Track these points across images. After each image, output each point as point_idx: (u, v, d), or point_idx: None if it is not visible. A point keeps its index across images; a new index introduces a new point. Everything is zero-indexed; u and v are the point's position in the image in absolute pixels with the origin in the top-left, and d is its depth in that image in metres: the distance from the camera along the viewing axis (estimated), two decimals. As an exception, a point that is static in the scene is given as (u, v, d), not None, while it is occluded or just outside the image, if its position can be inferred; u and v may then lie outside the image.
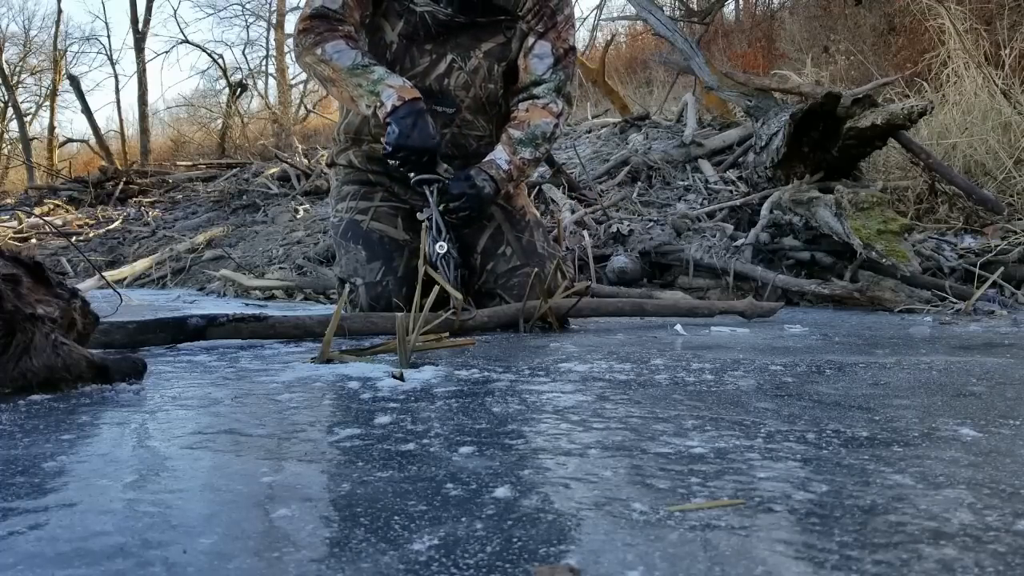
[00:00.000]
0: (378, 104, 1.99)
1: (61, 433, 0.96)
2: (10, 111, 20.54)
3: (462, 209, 2.07)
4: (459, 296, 1.86)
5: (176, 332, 1.72)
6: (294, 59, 2.19)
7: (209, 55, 29.22)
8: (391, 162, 2.04)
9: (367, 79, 2.00)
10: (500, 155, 2.16)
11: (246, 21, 22.24)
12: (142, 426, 1.01)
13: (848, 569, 0.56)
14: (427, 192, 2.09)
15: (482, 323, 2.01)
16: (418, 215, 2.13)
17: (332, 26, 2.06)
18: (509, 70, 2.25)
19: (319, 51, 2.04)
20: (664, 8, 10.28)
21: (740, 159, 4.65)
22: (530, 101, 2.22)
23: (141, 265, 4.99)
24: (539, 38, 2.20)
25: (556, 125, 2.22)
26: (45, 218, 7.30)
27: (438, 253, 2.07)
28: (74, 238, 6.39)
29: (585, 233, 3.56)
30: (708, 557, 0.58)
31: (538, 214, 2.39)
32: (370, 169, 2.30)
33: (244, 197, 7.36)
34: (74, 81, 19.65)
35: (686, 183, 4.50)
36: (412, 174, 2.07)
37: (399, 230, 2.22)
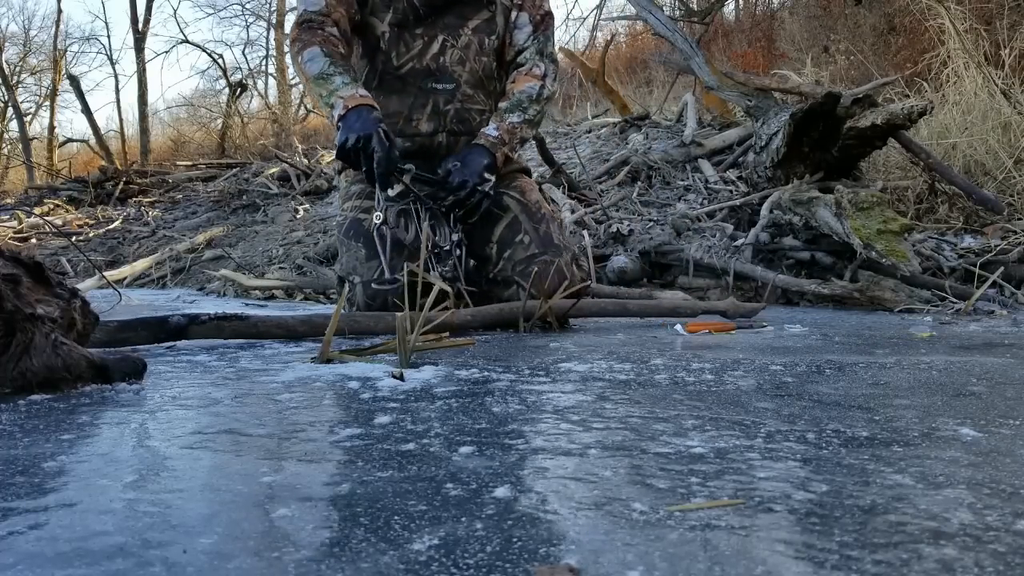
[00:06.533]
0: (330, 115, 2.10)
1: (61, 433, 0.96)
2: (10, 111, 20.53)
3: (472, 194, 2.16)
4: (449, 289, 1.86)
5: (157, 331, 1.71)
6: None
7: (209, 55, 29.27)
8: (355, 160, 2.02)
9: (326, 89, 2.09)
10: (489, 128, 2.27)
11: (246, 21, 22.26)
12: (142, 426, 1.01)
13: (848, 569, 0.56)
14: (402, 180, 2.14)
15: (466, 321, 2.00)
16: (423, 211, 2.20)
17: (312, 31, 2.16)
18: (501, 46, 2.39)
19: (300, 59, 2.16)
20: (664, 8, 10.28)
21: (740, 159, 4.65)
22: (515, 71, 2.36)
23: (141, 265, 4.99)
24: (519, 11, 2.37)
25: (542, 85, 2.34)
26: (45, 218, 7.30)
27: (438, 245, 2.14)
28: (74, 238, 6.39)
29: (585, 233, 3.56)
30: (708, 557, 0.58)
31: (552, 209, 2.42)
32: None
33: (244, 197, 7.36)
34: (74, 81, 19.66)
35: (686, 183, 4.50)
36: (375, 166, 1.97)
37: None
